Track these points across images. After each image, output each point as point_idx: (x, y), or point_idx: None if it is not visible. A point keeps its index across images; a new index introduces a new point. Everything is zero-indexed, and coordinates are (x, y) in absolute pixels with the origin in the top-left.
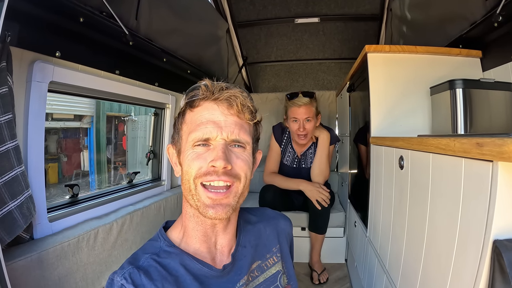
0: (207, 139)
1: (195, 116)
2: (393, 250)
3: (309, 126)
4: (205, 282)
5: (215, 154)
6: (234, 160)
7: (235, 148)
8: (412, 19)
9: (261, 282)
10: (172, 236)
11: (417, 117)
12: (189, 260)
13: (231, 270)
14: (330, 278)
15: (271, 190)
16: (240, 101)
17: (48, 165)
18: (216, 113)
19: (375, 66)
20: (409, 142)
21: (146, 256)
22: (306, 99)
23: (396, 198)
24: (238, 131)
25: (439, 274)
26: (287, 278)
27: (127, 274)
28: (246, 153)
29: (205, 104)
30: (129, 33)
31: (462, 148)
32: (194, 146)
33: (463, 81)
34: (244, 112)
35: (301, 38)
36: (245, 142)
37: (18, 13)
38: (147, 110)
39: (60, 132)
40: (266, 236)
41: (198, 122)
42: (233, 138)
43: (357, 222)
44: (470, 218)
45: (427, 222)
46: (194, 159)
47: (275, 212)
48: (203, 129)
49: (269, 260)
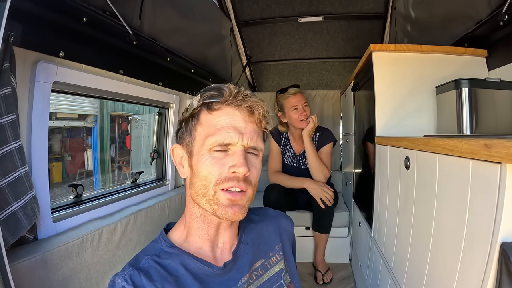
0: (228, 144)
1: (214, 119)
2: (398, 251)
3: (308, 110)
4: (206, 280)
5: (237, 160)
6: (250, 167)
7: (250, 155)
8: (416, 17)
9: (265, 281)
10: (174, 237)
11: (422, 116)
12: (189, 259)
13: (232, 268)
14: (334, 278)
15: (275, 189)
16: (261, 110)
17: (52, 164)
18: (238, 119)
19: (380, 65)
20: (415, 143)
21: (147, 258)
22: (296, 88)
23: (402, 199)
24: (256, 138)
25: (445, 276)
26: (290, 277)
27: (128, 276)
28: (258, 160)
29: (226, 109)
30: (132, 32)
31: (470, 149)
32: (212, 151)
33: (469, 80)
34: (263, 121)
35: (305, 37)
36: (260, 149)
37: (21, 13)
38: (151, 109)
39: (64, 132)
40: (268, 234)
41: (218, 126)
42: (251, 145)
43: (362, 222)
44: (477, 220)
45: (433, 224)
46: (213, 165)
47: (277, 211)
48: (224, 134)
49: (272, 258)
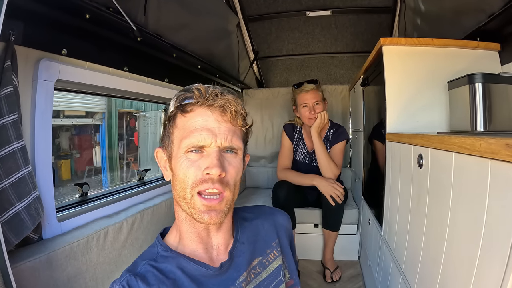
0: (202, 146)
1: (188, 122)
2: (410, 251)
3: (319, 109)
4: (204, 282)
5: (210, 161)
6: (227, 167)
7: (228, 154)
8: (426, 11)
9: (264, 278)
10: (169, 241)
11: (434, 112)
12: (185, 262)
13: (229, 268)
14: (343, 276)
15: (284, 186)
16: (234, 108)
17: (61, 161)
18: (210, 119)
19: (391, 60)
20: (429, 140)
21: (144, 263)
22: (311, 85)
23: (414, 198)
24: (231, 137)
25: (460, 281)
26: (289, 273)
27: (125, 282)
28: (238, 159)
29: (198, 110)
30: (137, 28)
31: (489, 148)
32: (187, 153)
33: (482, 75)
34: (237, 118)
35: (313, 31)
36: (237, 148)
37: (22, 11)
38: (158, 106)
39: (72, 129)
40: (265, 231)
41: (191, 128)
42: (226, 145)
43: (371, 220)
44: (496, 222)
45: (447, 225)
46: (188, 167)
47: (272, 208)
48: (197, 136)
49: (270, 255)
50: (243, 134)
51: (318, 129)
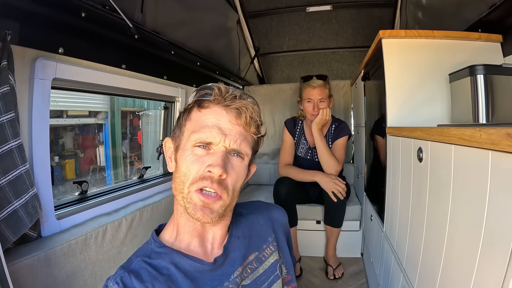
0: (209, 143)
1: (202, 117)
2: (410, 248)
3: (324, 105)
4: (198, 277)
5: (214, 159)
6: (230, 170)
7: (234, 157)
8: (427, 3)
9: (261, 274)
10: (165, 237)
11: (435, 105)
12: (179, 258)
13: (223, 263)
14: (346, 273)
15: (285, 182)
16: (249, 113)
17: (66, 161)
18: (224, 120)
19: (391, 52)
20: (428, 133)
21: (138, 260)
22: (319, 81)
23: (414, 193)
24: (241, 141)
25: (461, 277)
26: (285, 268)
27: (119, 279)
28: (243, 165)
29: (214, 108)
30: (134, 26)
31: (489, 139)
32: (194, 147)
33: (484, 66)
34: (251, 125)
35: (314, 27)
36: (244, 153)
37: (18, 11)
38: (160, 104)
39: (76, 129)
40: (260, 227)
41: (203, 124)
42: (234, 148)
43: (373, 216)
44: (498, 216)
45: (448, 219)
46: (193, 162)
47: (268, 203)
48: (207, 132)
49: (266, 250)
50: (253, 142)
51: (319, 125)
